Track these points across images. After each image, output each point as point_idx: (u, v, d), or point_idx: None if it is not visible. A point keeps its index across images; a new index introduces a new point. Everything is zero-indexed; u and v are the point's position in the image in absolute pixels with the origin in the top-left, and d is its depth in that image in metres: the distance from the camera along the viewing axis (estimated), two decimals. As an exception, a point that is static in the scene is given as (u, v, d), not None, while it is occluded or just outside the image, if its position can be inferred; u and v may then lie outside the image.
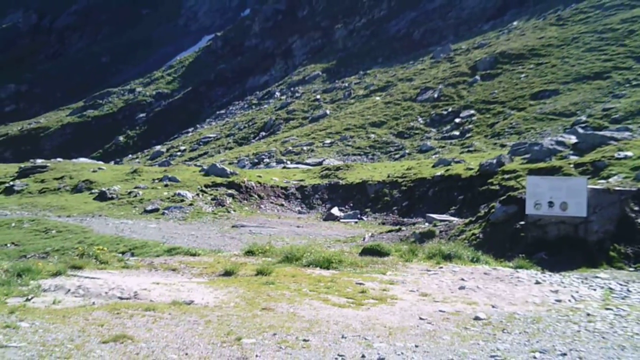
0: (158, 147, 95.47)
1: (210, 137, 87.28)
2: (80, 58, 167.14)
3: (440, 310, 11.84)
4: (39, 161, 52.95)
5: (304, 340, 9.52)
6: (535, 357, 9.33)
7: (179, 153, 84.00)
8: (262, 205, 39.36)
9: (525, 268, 17.58)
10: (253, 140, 78.47)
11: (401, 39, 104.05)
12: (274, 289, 12.95)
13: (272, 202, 40.17)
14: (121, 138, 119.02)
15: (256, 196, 40.30)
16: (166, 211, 35.69)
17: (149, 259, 16.78)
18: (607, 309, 12.54)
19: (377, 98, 74.86)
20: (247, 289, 12.88)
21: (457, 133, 57.62)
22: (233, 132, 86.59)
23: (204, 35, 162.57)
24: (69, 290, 12.13)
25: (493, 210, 28.09)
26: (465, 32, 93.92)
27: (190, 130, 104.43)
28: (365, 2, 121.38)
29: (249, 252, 17.59)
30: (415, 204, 35.93)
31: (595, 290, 14.58)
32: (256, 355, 8.90)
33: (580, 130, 40.02)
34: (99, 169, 49.43)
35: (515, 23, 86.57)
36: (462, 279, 14.79)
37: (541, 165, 32.56)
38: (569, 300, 13.26)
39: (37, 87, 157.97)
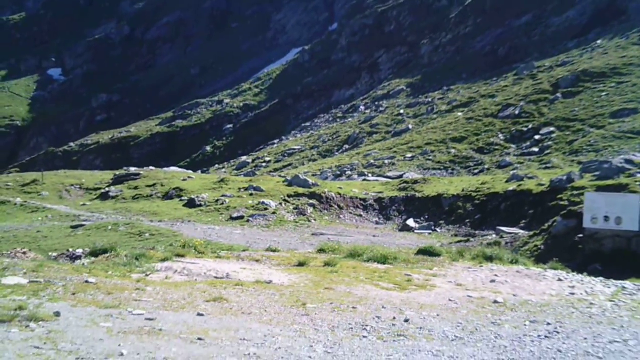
0: (244, 158, 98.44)
1: (295, 149, 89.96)
2: (171, 69, 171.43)
3: (468, 296, 14.72)
4: (133, 169, 56.38)
5: (353, 307, 12.93)
6: (525, 325, 12.29)
7: (264, 164, 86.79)
8: (341, 216, 41.59)
9: (556, 269, 19.94)
10: (336, 153, 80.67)
11: (486, 56, 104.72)
12: (336, 276, 16.09)
13: (351, 213, 42.35)
14: (208, 148, 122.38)
15: (336, 206, 42.54)
16: (251, 219, 38.33)
17: (237, 253, 19.79)
18: (611, 301, 15.13)
19: (459, 114, 76.41)
20: (315, 275, 16.04)
21: (536, 149, 58.85)
22: (317, 144, 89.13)
23: (292, 48, 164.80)
24: (176, 270, 15.61)
25: (555, 223, 30.20)
26: (550, 50, 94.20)
27: (275, 141, 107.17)
28: (451, 19, 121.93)
29: (321, 250, 20.67)
30: (487, 217, 37.84)
31: (609, 288, 17.04)
32: (315, 314, 12.24)
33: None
34: (189, 177, 52.44)
35: (599, 42, 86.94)
36: (496, 275, 17.46)
37: (609, 182, 34.26)
38: (581, 294, 15.87)
39: (128, 97, 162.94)
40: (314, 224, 38.49)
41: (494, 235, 33.84)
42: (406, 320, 12.07)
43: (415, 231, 37.80)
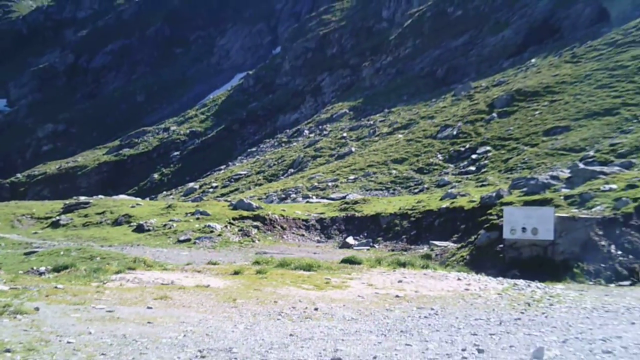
0: (191, 184, 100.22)
1: (241, 174, 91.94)
2: (116, 97, 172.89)
3: (375, 292, 17.88)
4: (82, 198, 58.35)
5: (274, 302, 16.20)
6: (413, 310, 15.67)
7: (211, 190, 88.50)
8: (284, 236, 43.93)
9: (460, 272, 23.05)
10: (282, 177, 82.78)
11: (425, 77, 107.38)
12: (265, 280, 19.28)
13: (293, 233, 44.69)
14: (156, 176, 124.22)
15: (279, 227, 44.73)
16: (197, 241, 40.49)
17: (181, 266, 22.61)
18: (498, 294, 18.28)
19: (400, 135, 79.01)
20: (247, 280, 19.21)
21: (473, 168, 61.45)
22: (263, 169, 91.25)
23: (236, 73, 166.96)
24: (129, 279, 18.91)
25: (479, 236, 33.18)
26: (486, 70, 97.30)
27: (222, 167, 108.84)
28: (391, 41, 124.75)
29: (256, 262, 23.55)
30: (422, 233, 40.34)
31: (502, 285, 20.27)
32: (242, 306, 15.50)
33: (581, 165, 44.57)
34: (137, 204, 54.50)
35: (533, 60, 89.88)
36: (404, 277, 20.60)
37: (535, 197, 37.02)
38: (475, 289, 19.11)
39: (74, 126, 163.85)
40: (258, 244, 40.61)
41: (426, 248, 36.62)
42: (315, 309, 15.31)
43: (354, 248, 40.11)
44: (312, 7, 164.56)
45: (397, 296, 17.54)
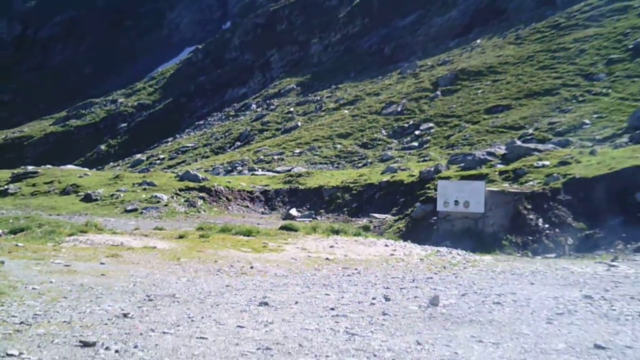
0: (138, 156, 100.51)
1: (188, 147, 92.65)
2: (64, 69, 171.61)
3: (308, 255, 19.75)
4: (30, 168, 58.95)
5: (215, 261, 17.90)
6: (339, 270, 17.72)
7: (158, 161, 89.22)
8: (229, 207, 45.13)
9: (389, 239, 24.94)
10: (228, 150, 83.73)
11: (372, 55, 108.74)
12: (208, 243, 21.09)
13: (238, 204, 45.91)
14: (103, 147, 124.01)
15: (224, 199, 45.80)
16: (144, 211, 41.53)
17: (130, 231, 24.15)
18: (421, 259, 20.19)
19: (346, 111, 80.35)
20: (191, 243, 20.97)
21: (416, 144, 63.02)
22: (210, 142, 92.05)
23: (185, 47, 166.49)
24: (81, 241, 20.53)
25: (415, 208, 35.02)
26: (432, 49, 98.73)
27: (169, 139, 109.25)
28: (340, 18, 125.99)
29: (200, 228, 25.02)
30: (363, 206, 41.88)
31: (426, 251, 22.10)
32: (185, 264, 17.25)
33: (517, 143, 46.50)
34: (85, 174, 55.17)
35: (478, 41, 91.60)
36: (337, 243, 22.49)
37: (472, 172, 38.91)
38: (399, 255, 20.88)
39: (20, 97, 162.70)
40: (204, 214, 41.65)
41: (365, 220, 38.39)
42: (251, 267, 17.21)
43: (297, 219, 41.37)
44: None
45: (327, 259, 19.44)
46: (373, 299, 13.58)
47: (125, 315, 10.92)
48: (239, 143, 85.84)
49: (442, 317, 11.93)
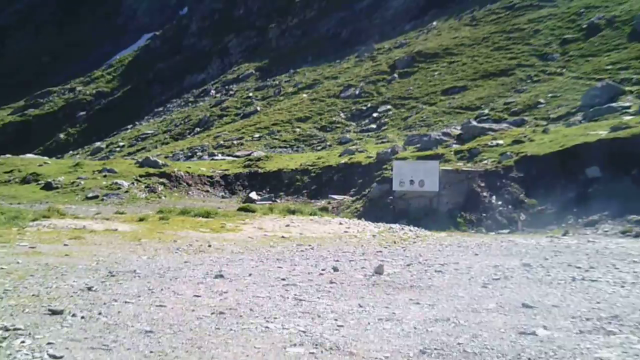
0: (98, 144, 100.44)
1: (148, 134, 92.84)
2: (21, 57, 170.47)
3: (264, 234, 20.70)
4: (-12, 157, 59.03)
5: (174, 241, 18.74)
6: (293, 246, 18.57)
7: (118, 149, 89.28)
8: (189, 192, 45.66)
9: (343, 217, 25.92)
10: (188, 136, 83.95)
11: (330, 39, 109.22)
12: (168, 225, 21.93)
13: (199, 189, 46.48)
14: (62, 135, 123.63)
15: (185, 184, 46.30)
16: (105, 197, 41.88)
17: (92, 216, 24.87)
18: (373, 236, 21.12)
19: (304, 95, 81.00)
20: (151, 225, 21.74)
21: (374, 126, 63.81)
22: (170, 128, 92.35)
23: (143, 34, 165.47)
24: (45, 225, 21.15)
25: (372, 189, 35.95)
26: (389, 32, 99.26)
27: (129, 127, 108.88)
28: (297, 3, 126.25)
29: (160, 211, 25.73)
30: (322, 188, 42.81)
31: (379, 228, 23.04)
32: (146, 244, 18.00)
33: (473, 123, 47.52)
34: (45, 163, 55.27)
35: (434, 23, 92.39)
36: (292, 222, 23.41)
37: (428, 153, 39.96)
38: (353, 232, 21.79)
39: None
40: (164, 200, 42.10)
41: (324, 202, 39.27)
42: (209, 246, 18.09)
43: (257, 202, 42.22)
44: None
45: (282, 237, 20.37)
46: (322, 270, 14.54)
47: (89, 289, 11.74)
48: (198, 129, 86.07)
49: (385, 284, 12.88)
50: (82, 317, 9.54)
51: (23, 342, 8.18)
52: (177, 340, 8.48)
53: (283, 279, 13.33)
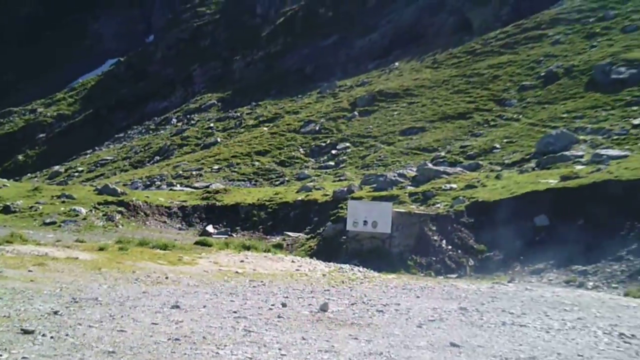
0: (57, 167, 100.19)
1: (107, 160, 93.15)
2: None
3: (219, 269, 21.81)
4: (-56, 178, 59.25)
5: (133, 271, 19.77)
6: (246, 282, 19.76)
7: (76, 174, 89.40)
8: (147, 222, 46.04)
9: (300, 256, 27.06)
10: (148, 164, 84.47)
11: (294, 74, 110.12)
12: (127, 256, 22.87)
13: (156, 219, 46.90)
14: (20, 157, 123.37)
15: (142, 214, 46.59)
16: (63, 224, 41.96)
17: (53, 243, 25.82)
18: (323, 275, 22.25)
19: (265, 128, 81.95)
20: (111, 255, 22.71)
21: (332, 163, 64.77)
22: (130, 155, 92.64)
23: (107, 58, 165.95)
24: (8, 251, 21.89)
25: (326, 227, 36.96)
26: (353, 70, 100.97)
27: (88, 152, 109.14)
28: (263, 36, 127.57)
29: (119, 241, 26.68)
30: (278, 224, 43.46)
31: (330, 267, 24.26)
32: (106, 273, 18.94)
33: (428, 165, 48.79)
34: (4, 185, 55.59)
35: (396, 64, 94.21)
36: (247, 258, 24.46)
37: (383, 193, 40.99)
38: (304, 270, 22.92)
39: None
40: (122, 229, 42.27)
41: (279, 238, 40.18)
42: (166, 277, 19.20)
43: (214, 236, 42.83)
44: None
45: (236, 272, 21.54)
46: (272, 305, 15.73)
47: (55, 313, 12.91)
48: (158, 157, 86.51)
49: (328, 320, 14.10)
50: (52, 337, 10.75)
51: (1, 355, 9.29)
52: None
53: (235, 312, 14.50)
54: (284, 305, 15.72)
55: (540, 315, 16.07)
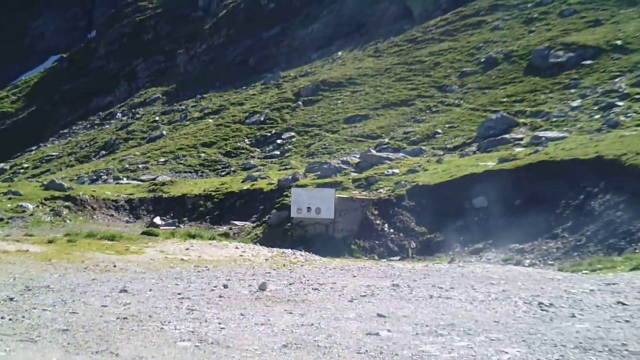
0: (1, 165, 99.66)
1: (52, 156, 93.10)
2: None
3: (165, 257, 22.74)
4: None
5: (82, 261, 20.59)
6: (191, 267, 20.71)
7: (22, 170, 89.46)
8: (94, 216, 46.41)
9: (244, 242, 28.07)
10: (94, 159, 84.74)
11: (237, 65, 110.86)
12: (75, 247, 23.78)
13: (103, 213, 47.28)
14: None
15: (90, 208, 46.89)
16: (10, 220, 42.19)
17: (2, 237, 26.54)
18: (266, 259, 23.36)
19: (210, 120, 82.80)
20: (60, 247, 23.55)
21: (277, 153, 65.86)
22: (75, 150, 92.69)
23: (50, 55, 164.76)
24: None
25: (272, 215, 37.90)
26: (296, 61, 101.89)
27: (33, 148, 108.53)
28: (206, 29, 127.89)
29: (67, 234, 27.46)
30: (224, 214, 44.45)
31: (272, 252, 25.14)
32: (57, 263, 19.82)
33: (372, 152, 49.87)
34: (-51, 183, 56.01)
35: (339, 53, 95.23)
36: (192, 246, 25.36)
37: (327, 180, 42.03)
38: (248, 255, 23.91)
39: None
40: (69, 224, 42.91)
41: (226, 227, 41.06)
42: (114, 266, 20.10)
43: (161, 227, 43.46)
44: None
45: (182, 259, 22.50)
46: (214, 287, 16.74)
47: (11, 299, 13.91)
48: (104, 152, 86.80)
49: (266, 298, 15.14)
50: (10, 319, 11.80)
51: (-36, 335, 10.33)
52: (89, 336, 10.75)
53: (179, 294, 15.51)
54: (225, 286, 16.73)
55: (467, 289, 17.00)
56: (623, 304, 14.33)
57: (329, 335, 11.22)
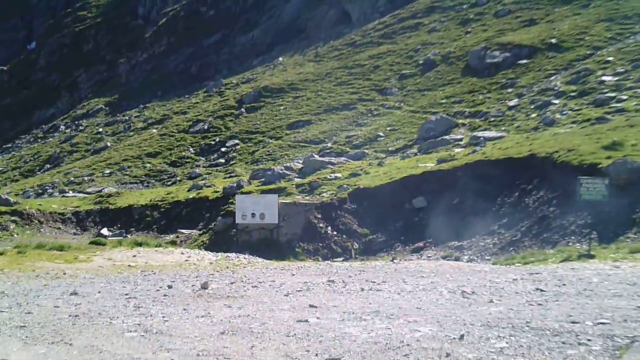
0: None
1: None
2: None
3: (113, 264, 23.72)
4: None
5: (32, 270, 21.55)
6: (137, 272, 21.80)
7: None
8: (41, 229, 46.79)
9: (188, 249, 29.26)
10: (38, 173, 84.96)
11: (179, 74, 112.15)
12: (26, 258, 24.84)
13: (50, 226, 47.78)
14: None
15: (37, 221, 47.38)
16: None
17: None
18: (210, 263, 24.45)
19: (154, 130, 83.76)
20: (10, 258, 24.40)
21: (222, 160, 66.97)
22: (19, 165, 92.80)
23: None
24: None
25: (217, 222, 39.00)
26: (237, 67, 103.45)
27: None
28: (147, 38, 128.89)
29: (16, 247, 28.47)
30: (171, 222, 45.45)
31: (217, 257, 26.34)
32: (8, 272, 20.61)
33: (314, 157, 51.12)
34: None
35: (280, 59, 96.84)
36: (139, 253, 26.34)
37: (272, 186, 43.24)
38: (193, 260, 25.04)
39: None
40: (17, 238, 43.06)
41: (173, 236, 42.06)
42: (64, 273, 21.15)
43: (109, 239, 44.44)
44: (67, 3, 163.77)
45: (129, 265, 23.70)
46: (159, 287, 18.01)
47: (-31, 305, 15.04)
48: (48, 165, 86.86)
49: (207, 295, 16.44)
50: (-29, 320, 12.97)
51: None
52: (44, 330, 12.09)
53: (126, 294, 16.76)
54: (170, 287, 18.00)
55: (398, 282, 18.25)
56: (541, 290, 15.67)
57: (263, 323, 12.54)
